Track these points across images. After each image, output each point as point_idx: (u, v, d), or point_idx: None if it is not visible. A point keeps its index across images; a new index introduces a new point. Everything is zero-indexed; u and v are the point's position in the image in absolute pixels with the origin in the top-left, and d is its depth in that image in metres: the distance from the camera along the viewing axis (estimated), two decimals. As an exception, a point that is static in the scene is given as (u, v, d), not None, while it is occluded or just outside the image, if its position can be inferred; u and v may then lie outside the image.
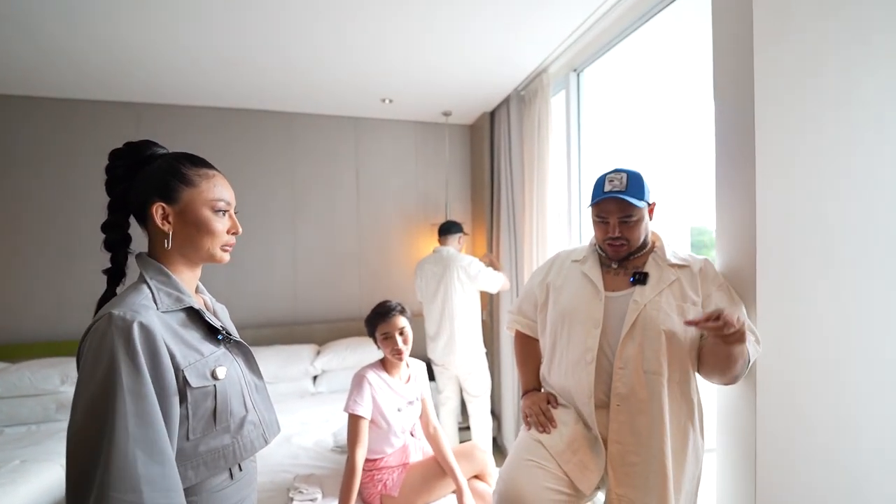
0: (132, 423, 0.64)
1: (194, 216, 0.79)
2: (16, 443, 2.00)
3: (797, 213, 1.10)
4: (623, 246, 1.15)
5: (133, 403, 0.64)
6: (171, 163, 0.80)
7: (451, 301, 2.43)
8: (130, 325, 0.67)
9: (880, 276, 1.16)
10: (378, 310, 1.61)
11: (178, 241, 0.79)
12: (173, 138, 2.77)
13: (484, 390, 2.52)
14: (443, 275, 2.46)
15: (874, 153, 1.15)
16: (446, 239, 2.60)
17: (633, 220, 1.12)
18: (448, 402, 2.59)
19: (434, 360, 2.56)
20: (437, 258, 2.54)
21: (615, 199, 1.11)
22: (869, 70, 1.14)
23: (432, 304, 2.50)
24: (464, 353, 2.45)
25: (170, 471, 0.67)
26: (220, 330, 0.82)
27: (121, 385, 0.64)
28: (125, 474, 0.62)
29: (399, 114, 3.12)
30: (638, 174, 1.14)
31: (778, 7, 1.07)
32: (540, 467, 1.12)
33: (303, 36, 1.95)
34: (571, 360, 1.17)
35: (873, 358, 1.16)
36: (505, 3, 1.71)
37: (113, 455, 0.62)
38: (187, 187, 0.79)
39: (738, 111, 1.11)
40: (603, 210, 1.14)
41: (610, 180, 1.13)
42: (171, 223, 0.78)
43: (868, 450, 1.16)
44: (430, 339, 2.55)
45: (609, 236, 1.14)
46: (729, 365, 0.99)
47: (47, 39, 1.93)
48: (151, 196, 0.77)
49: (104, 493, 0.61)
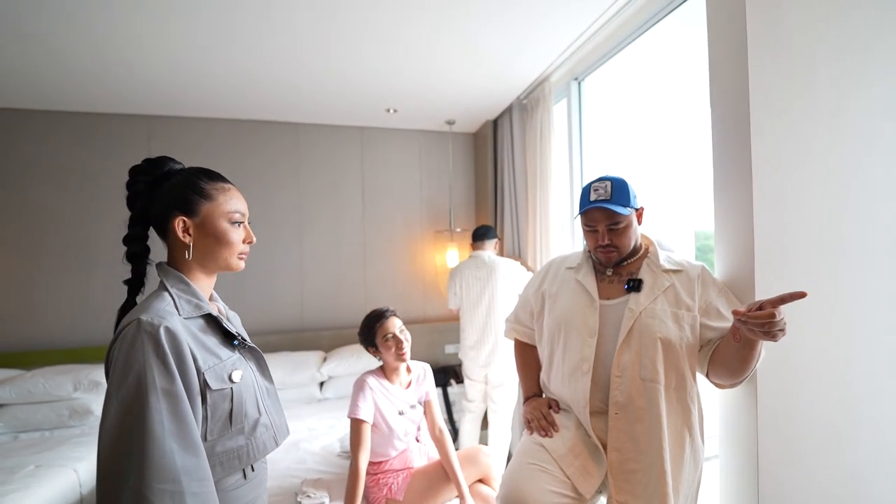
0: (167, 419, 0.68)
1: (213, 228, 0.83)
2: (30, 448, 2.05)
3: (794, 218, 1.12)
4: (613, 252, 1.17)
5: (166, 401, 0.69)
6: (189, 178, 0.84)
7: (496, 307, 2.32)
8: (158, 330, 0.71)
9: (878, 280, 1.16)
10: (372, 316, 1.62)
11: (197, 251, 0.83)
12: (183, 149, 2.84)
13: (510, 403, 2.38)
14: (487, 280, 2.35)
15: (868, 159, 1.16)
16: (483, 244, 2.47)
17: (621, 226, 1.14)
18: (477, 410, 2.47)
19: (471, 371, 2.42)
20: (478, 263, 2.41)
21: (601, 208, 1.13)
22: (861, 78, 1.16)
23: (475, 311, 2.38)
24: (505, 361, 2.32)
25: (203, 462, 0.72)
26: (235, 336, 0.86)
27: (153, 385, 0.68)
28: (165, 466, 0.66)
29: (403, 123, 3.17)
30: (622, 181, 1.15)
31: (771, 18, 1.10)
32: (543, 471, 1.13)
33: (310, 49, 2.01)
34: (568, 369, 1.18)
35: (875, 362, 1.17)
36: (507, 14, 1.75)
37: (151, 449, 0.66)
38: (206, 201, 0.83)
39: (734, 119, 1.13)
40: (591, 219, 1.16)
41: (595, 189, 1.15)
42: (191, 235, 0.82)
43: (870, 455, 1.16)
44: (469, 347, 2.41)
45: (599, 244, 1.16)
46: (747, 363, 0.98)
47: (64, 56, 2.01)
48: (172, 210, 0.82)
49: (145, 484, 0.65)
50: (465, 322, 2.44)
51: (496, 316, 2.32)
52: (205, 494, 0.70)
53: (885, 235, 1.17)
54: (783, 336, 0.84)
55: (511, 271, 2.36)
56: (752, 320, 0.82)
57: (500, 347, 2.31)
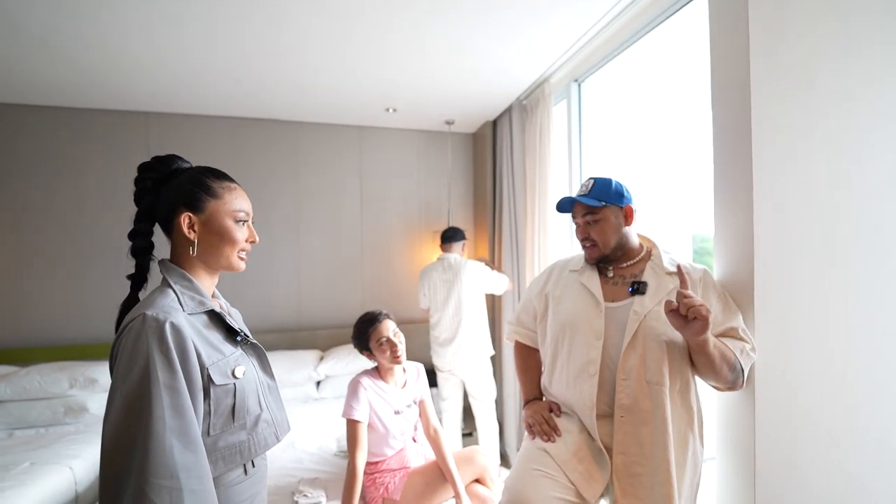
0: (168, 415, 0.68)
1: (218, 225, 0.84)
2: (25, 445, 2.04)
3: (794, 221, 1.12)
4: (593, 247, 1.20)
5: (169, 397, 0.69)
6: (197, 176, 0.85)
7: (463, 307, 2.47)
8: (163, 325, 0.71)
9: (877, 282, 1.17)
10: (365, 320, 1.62)
11: (201, 248, 0.84)
12: (181, 147, 2.83)
13: (490, 395, 2.54)
14: (454, 281, 2.49)
15: (868, 162, 1.17)
16: (451, 246, 2.62)
17: (596, 218, 1.18)
18: (453, 409, 2.60)
19: (441, 366, 2.57)
20: (444, 265, 2.56)
21: (574, 201, 1.20)
22: (861, 79, 1.16)
23: (443, 311, 2.51)
24: (474, 357, 2.47)
25: (202, 459, 0.72)
26: (238, 332, 0.87)
27: (157, 380, 0.69)
28: (164, 462, 0.66)
29: (403, 122, 3.17)
30: (607, 180, 1.20)
31: (772, 20, 1.10)
32: (547, 476, 1.12)
33: (310, 47, 2.00)
34: (573, 372, 1.18)
35: (873, 364, 1.17)
36: (507, 15, 1.75)
37: (152, 445, 0.66)
38: (212, 199, 0.84)
39: (736, 120, 1.13)
40: (573, 214, 1.24)
41: (581, 187, 1.22)
42: (196, 232, 0.83)
43: (869, 456, 1.17)
44: (439, 345, 2.56)
45: (579, 238, 1.23)
46: (712, 370, 1.02)
47: (62, 51, 1.99)
48: (179, 206, 0.83)
49: (145, 480, 0.65)
50: (434, 322, 2.59)
51: (463, 315, 2.47)
52: (203, 492, 0.70)
53: (884, 239, 1.18)
54: (705, 324, 0.93)
55: (475, 272, 2.51)
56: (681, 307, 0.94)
57: (468, 344, 2.47)
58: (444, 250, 2.64)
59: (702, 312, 0.92)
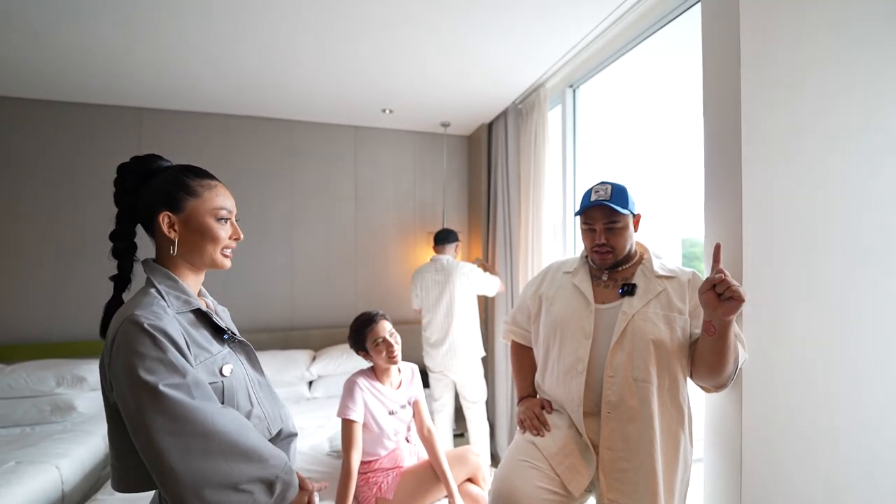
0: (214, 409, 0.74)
1: (198, 224, 0.84)
2: (10, 444, 2.00)
3: (781, 225, 1.15)
4: (609, 253, 1.20)
5: (183, 393, 0.71)
6: (175, 175, 0.85)
7: (455, 308, 2.48)
8: (155, 325, 0.72)
9: (862, 286, 1.21)
10: (361, 320, 1.63)
11: (183, 247, 0.84)
12: (174, 143, 2.81)
13: (481, 396, 2.56)
14: (446, 283, 2.51)
15: (855, 167, 1.21)
16: (444, 248, 2.64)
17: (618, 226, 1.18)
18: (444, 410, 2.61)
19: (432, 367, 2.58)
20: (437, 267, 2.58)
21: (600, 206, 1.17)
22: (848, 88, 1.21)
23: (435, 312, 2.53)
24: (465, 359, 2.49)
25: (239, 416, 0.80)
26: (225, 330, 0.87)
27: (163, 379, 0.70)
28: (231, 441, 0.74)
29: (399, 123, 3.18)
30: (622, 186, 1.20)
31: (763, 31, 1.14)
32: (533, 467, 1.16)
33: (306, 47, 2.01)
34: (563, 370, 1.21)
35: (858, 367, 1.21)
36: (505, 20, 1.77)
37: (210, 424, 0.72)
38: (191, 197, 0.84)
39: (726, 128, 1.17)
40: (589, 217, 1.21)
41: (596, 191, 1.21)
42: (176, 231, 0.83)
43: (848, 456, 1.20)
44: (430, 346, 2.57)
45: (596, 243, 1.20)
46: (723, 357, 1.00)
47: (52, 44, 1.97)
48: (158, 206, 0.82)
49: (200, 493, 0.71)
50: (426, 322, 2.60)
51: (454, 317, 2.49)
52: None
53: (871, 244, 1.22)
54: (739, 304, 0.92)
55: (467, 274, 2.52)
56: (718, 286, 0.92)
57: (459, 345, 2.48)
58: (436, 252, 2.66)
59: (739, 293, 0.91)
